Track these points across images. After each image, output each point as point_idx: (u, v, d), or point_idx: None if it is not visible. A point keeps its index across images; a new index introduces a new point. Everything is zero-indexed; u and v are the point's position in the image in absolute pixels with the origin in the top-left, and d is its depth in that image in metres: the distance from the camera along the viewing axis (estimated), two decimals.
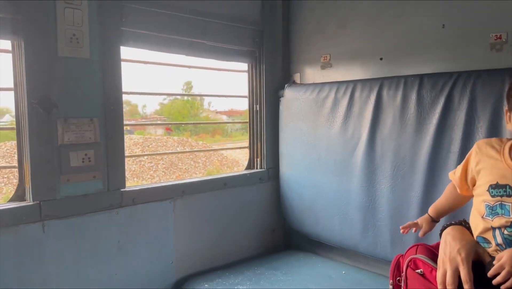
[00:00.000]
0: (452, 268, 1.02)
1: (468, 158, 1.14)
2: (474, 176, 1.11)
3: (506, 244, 1.00)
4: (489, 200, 1.04)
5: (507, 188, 1.01)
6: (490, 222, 1.03)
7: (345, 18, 1.99)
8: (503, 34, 1.50)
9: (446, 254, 1.06)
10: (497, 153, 1.07)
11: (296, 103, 2.12)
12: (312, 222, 2.05)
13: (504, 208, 1.00)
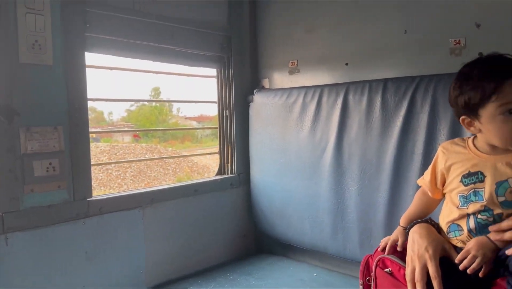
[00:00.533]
0: (420, 265, 1.05)
1: (436, 160, 1.17)
2: (444, 174, 1.14)
3: (478, 228, 1.03)
4: (463, 190, 1.07)
5: (479, 174, 1.04)
6: (465, 210, 1.06)
7: (312, 24, 2.02)
8: (462, 40, 1.57)
9: (414, 252, 1.08)
10: (463, 148, 1.11)
11: (265, 108, 2.14)
12: (283, 226, 2.07)
13: (478, 194, 1.04)
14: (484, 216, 1.03)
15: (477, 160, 1.06)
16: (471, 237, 1.04)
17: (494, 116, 0.98)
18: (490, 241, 0.99)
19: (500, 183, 1.00)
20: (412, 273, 1.06)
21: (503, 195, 1.00)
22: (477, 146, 1.08)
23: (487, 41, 1.49)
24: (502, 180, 1.00)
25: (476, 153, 1.07)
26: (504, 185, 1.00)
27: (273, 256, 2.16)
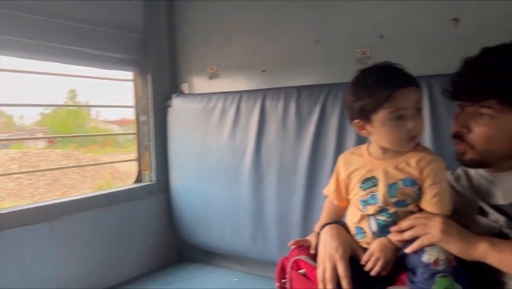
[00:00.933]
0: (330, 266, 1.08)
1: (337, 170, 1.22)
2: (346, 182, 1.19)
3: (379, 229, 1.09)
4: (363, 195, 1.13)
5: (373, 178, 1.11)
6: (366, 212, 1.12)
7: (230, 31, 2.04)
8: (367, 50, 1.68)
9: (325, 253, 1.11)
10: (359, 156, 1.18)
11: (185, 113, 2.11)
12: (205, 233, 2.05)
13: (374, 197, 1.09)
14: (383, 216, 1.09)
15: (371, 165, 1.13)
16: (374, 238, 1.10)
17: (385, 121, 1.05)
18: (391, 242, 1.06)
19: (391, 185, 1.07)
20: (323, 273, 1.09)
21: (394, 196, 1.07)
22: (370, 152, 1.15)
23: (390, 51, 1.61)
24: (392, 182, 1.08)
25: (370, 159, 1.14)
26: (394, 186, 1.07)
27: (194, 264, 2.13)
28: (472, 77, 1.06)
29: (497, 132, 1.05)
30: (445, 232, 0.95)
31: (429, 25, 1.53)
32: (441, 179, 1.06)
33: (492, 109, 1.03)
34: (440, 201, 1.05)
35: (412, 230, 0.99)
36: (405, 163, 1.08)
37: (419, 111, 1.05)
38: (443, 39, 1.49)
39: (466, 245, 0.95)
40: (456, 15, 1.47)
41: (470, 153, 1.10)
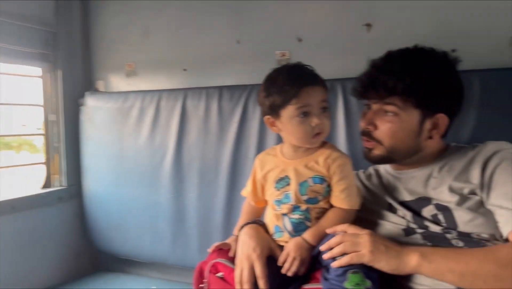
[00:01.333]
0: (248, 266, 1.07)
1: (254, 171, 1.24)
2: (262, 183, 1.20)
3: (294, 228, 1.11)
4: (277, 195, 1.14)
5: (286, 177, 1.13)
6: (280, 211, 1.13)
7: (149, 27, 1.95)
8: (286, 52, 1.70)
9: (243, 253, 1.10)
10: (273, 156, 1.20)
11: (99, 112, 1.98)
12: (122, 240, 1.93)
13: (288, 196, 1.12)
14: (295, 215, 1.11)
15: (284, 165, 1.15)
16: (290, 237, 1.12)
17: (292, 118, 1.08)
18: (305, 241, 1.08)
19: (302, 183, 1.11)
20: (240, 274, 1.08)
21: (305, 194, 1.10)
22: (283, 152, 1.18)
23: (308, 53, 1.64)
24: (303, 180, 1.11)
25: (282, 159, 1.17)
26: (305, 184, 1.10)
27: (110, 273, 2.00)
28: (377, 76, 1.12)
29: (400, 128, 1.12)
30: (374, 252, 0.96)
31: (344, 30, 1.59)
32: (347, 174, 1.10)
33: (395, 106, 1.10)
34: (348, 196, 1.09)
35: (341, 247, 0.98)
36: (314, 161, 1.12)
37: (324, 110, 1.10)
38: (357, 43, 1.56)
39: (396, 261, 0.96)
40: (368, 21, 1.55)
41: (378, 149, 1.16)
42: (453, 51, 1.37)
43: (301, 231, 1.10)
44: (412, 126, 1.12)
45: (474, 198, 1.03)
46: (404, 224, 1.11)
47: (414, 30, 1.46)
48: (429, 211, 1.08)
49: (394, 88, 1.09)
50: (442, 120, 1.13)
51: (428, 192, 1.12)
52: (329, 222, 1.09)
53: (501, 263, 0.87)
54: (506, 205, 0.97)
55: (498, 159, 1.03)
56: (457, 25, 1.42)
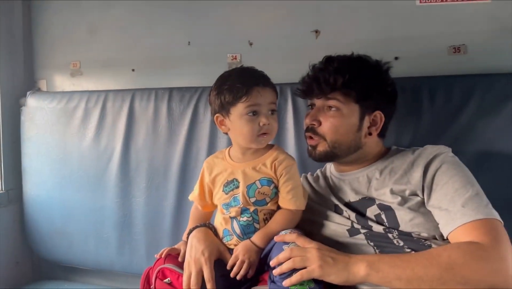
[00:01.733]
0: (196, 269, 1.07)
1: (201, 175, 1.24)
2: (210, 187, 1.20)
3: (242, 231, 1.11)
4: (225, 198, 1.15)
5: (234, 181, 1.14)
6: (229, 214, 1.14)
7: (96, 25, 1.88)
8: (238, 55, 1.71)
9: (191, 257, 1.10)
10: (222, 160, 1.21)
11: (41, 113, 1.88)
12: (65, 247, 1.84)
13: (236, 199, 1.13)
14: (244, 217, 1.12)
15: (232, 168, 1.17)
16: (239, 240, 1.12)
17: (241, 115, 1.10)
18: (254, 244, 1.09)
19: (249, 185, 1.12)
20: (189, 278, 1.07)
21: (253, 196, 1.12)
22: (231, 155, 1.20)
23: (258, 58, 1.66)
24: (250, 182, 1.12)
25: (231, 162, 1.18)
26: (253, 187, 1.12)
27: (53, 281, 1.90)
28: (318, 74, 1.19)
29: (342, 123, 1.17)
30: (323, 266, 0.97)
31: (293, 36, 1.62)
32: (293, 176, 1.13)
33: (337, 101, 1.17)
34: (294, 196, 1.12)
35: (290, 263, 0.99)
36: (261, 164, 1.14)
37: (273, 113, 1.13)
38: (306, 49, 1.59)
39: (345, 273, 0.97)
40: (317, 28, 1.59)
41: (321, 145, 1.20)
42: (396, 59, 1.45)
43: (249, 233, 1.11)
44: (353, 121, 1.18)
45: (415, 199, 1.08)
46: (348, 224, 1.14)
47: (359, 38, 1.51)
48: (373, 211, 1.13)
49: (335, 83, 1.16)
50: (379, 117, 1.20)
51: (371, 192, 1.16)
52: (277, 224, 1.11)
53: (444, 267, 0.91)
54: (445, 206, 1.02)
55: (438, 162, 1.09)
56: (399, 33, 1.49)
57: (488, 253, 0.91)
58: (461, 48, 1.43)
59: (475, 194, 1.02)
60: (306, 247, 1.02)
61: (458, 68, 1.42)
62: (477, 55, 1.42)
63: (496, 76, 1.35)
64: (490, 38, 1.40)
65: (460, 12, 1.43)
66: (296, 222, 1.14)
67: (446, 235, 1.01)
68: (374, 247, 1.07)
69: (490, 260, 0.91)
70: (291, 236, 1.06)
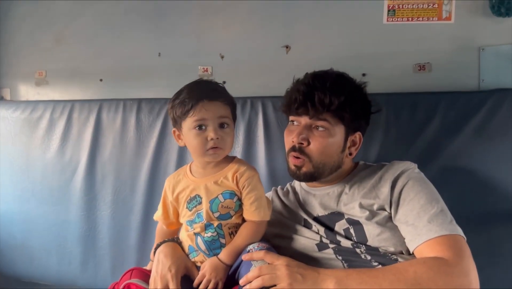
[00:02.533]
0: (162, 285, 1.05)
1: (164, 194, 1.22)
2: (174, 205, 1.19)
3: (208, 247, 1.10)
4: (189, 215, 1.13)
5: (197, 197, 1.13)
6: (192, 231, 1.12)
7: (62, 34, 1.85)
8: (209, 68, 1.71)
9: (158, 272, 1.08)
10: (183, 176, 1.19)
11: (4, 123, 1.82)
12: (26, 262, 1.77)
13: (200, 216, 1.11)
14: (208, 233, 1.10)
15: (194, 184, 1.15)
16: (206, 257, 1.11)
17: (190, 129, 1.10)
18: (221, 262, 1.07)
19: (212, 200, 1.11)
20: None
21: (217, 210, 1.10)
22: (192, 171, 1.18)
23: (229, 71, 1.66)
24: (213, 197, 1.11)
25: (192, 178, 1.17)
26: (215, 201, 1.11)
27: None
28: (313, 93, 1.15)
29: (329, 144, 1.16)
30: (292, 284, 0.97)
31: (264, 50, 1.63)
32: (256, 186, 1.12)
33: (327, 122, 1.15)
34: (258, 208, 1.11)
35: (259, 281, 0.98)
36: (223, 177, 1.13)
37: (223, 126, 1.11)
38: (276, 63, 1.60)
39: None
40: (287, 43, 1.60)
41: (307, 165, 1.18)
42: (363, 75, 1.48)
43: (215, 249, 1.10)
44: (339, 142, 1.18)
45: (383, 213, 1.10)
46: (317, 239, 1.14)
47: (329, 54, 1.54)
48: (342, 225, 1.13)
49: (330, 104, 1.13)
50: (359, 138, 1.22)
51: (340, 207, 1.17)
52: (243, 238, 1.10)
53: (410, 282, 0.92)
54: (412, 221, 1.04)
55: (405, 178, 1.12)
56: (367, 51, 1.52)
57: (452, 268, 0.93)
58: (426, 66, 1.48)
59: (440, 210, 1.04)
60: (275, 264, 1.01)
61: (423, 85, 1.46)
62: (441, 73, 1.46)
63: (459, 94, 1.40)
64: (454, 57, 1.45)
65: (425, 31, 1.47)
66: (261, 233, 1.13)
67: (412, 250, 1.03)
68: (342, 261, 1.08)
69: (455, 275, 0.93)
70: (258, 253, 1.05)
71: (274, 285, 0.97)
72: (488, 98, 1.35)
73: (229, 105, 1.12)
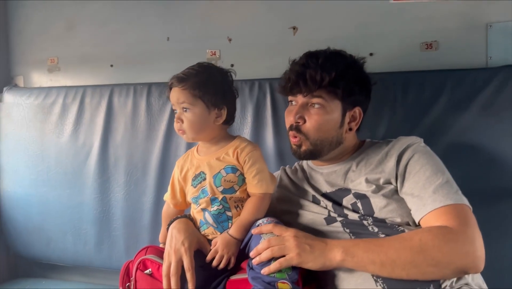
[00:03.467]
0: (176, 259, 1.08)
1: (173, 175, 1.27)
2: (182, 184, 1.23)
3: (216, 220, 1.14)
4: (194, 192, 1.18)
5: (201, 173, 1.17)
6: (199, 207, 1.16)
7: (73, 20, 1.87)
8: (217, 51, 1.72)
9: (171, 247, 1.11)
10: (190, 156, 1.25)
11: (18, 109, 1.86)
12: (43, 244, 1.82)
13: (204, 191, 1.15)
14: (214, 206, 1.14)
15: (198, 162, 1.20)
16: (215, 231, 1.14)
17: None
18: (233, 237, 1.11)
19: (215, 175, 1.15)
20: (168, 268, 1.08)
21: (220, 185, 1.15)
22: (198, 151, 1.24)
23: (237, 54, 1.67)
24: (216, 172, 1.15)
25: (197, 157, 1.22)
26: (218, 176, 1.15)
27: (30, 279, 1.87)
28: (304, 71, 1.17)
29: (326, 120, 1.18)
30: (301, 254, 1.00)
31: (271, 32, 1.64)
32: (257, 160, 1.16)
33: (322, 98, 1.16)
34: (261, 180, 1.14)
35: (269, 252, 1.01)
36: (224, 154, 1.17)
37: (185, 110, 1.16)
38: (283, 45, 1.61)
39: (322, 260, 1.00)
40: (294, 24, 1.61)
41: (305, 143, 1.20)
42: (370, 55, 1.48)
43: (223, 221, 1.14)
44: (336, 118, 1.19)
45: (389, 187, 1.12)
46: (325, 213, 1.17)
47: (336, 34, 1.54)
48: (349, 200, 1.16)
49: (322, 81, 1.14)
50: (358, 113, 1.23)
51: (347, 184, 1.19)
52: (249, 211, 1.13)
53: (415, 250, 0.95)
54: (417, 193, 1.06)
55: (411, 151, 1.13)
56: (374, 30, 1.52)
57: (457, 236, 0.95)
58: (433, 44, 1.47)
59: (446, 181, 1.06)
60: (283, 235, 1.04)
61: (430, 64, 1.46)
62: (448, 51, 1.46)
63: (466, 72, 1.40)
64: (461, 34, 1.44)
65: (432, 10, 1.47)
66: (266, 206, 1.16)
67: (418, 220, 1.05)
68: (350, 234, 1.10)
69: (459, 243, 0.94)
70: (267, 226, 1.07)
71: (283, 256, 1.01)
72: (496, 75, 1.35)
73: (189, 90, 1.15)
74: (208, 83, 1.16)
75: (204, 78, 1.16)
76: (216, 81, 1.18)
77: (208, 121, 1.17)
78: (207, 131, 1.18)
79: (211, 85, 1.16)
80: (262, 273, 1.00)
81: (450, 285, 0.95)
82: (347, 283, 1.03)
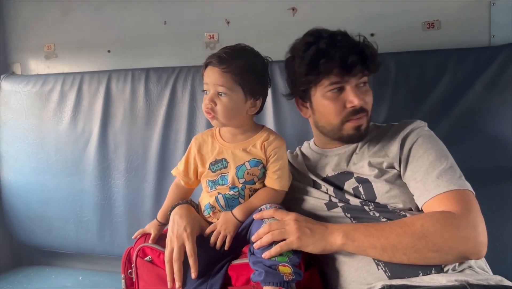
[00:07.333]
0: (178, 245, 1.07)
1: (189, 150, 1.23)
2: (197, 163, 1.20)
3: (227, 204, 1.13)
4: (212, 176, 1.16)
5: (223, 160, 1.15)
6: (215, 191, 1.15)
7: (69, 6, 1.84)
8: (215, 34, 1.69)
9: (174, 233, 1.10)
10: (211, 138, 1.20)
11: (16, 97, 1.84)
12: (44, 231, 1.82)
13: (224, 178, 1.14)
14: (231, 192, 1.14)
15: (221, 148, 1.17)
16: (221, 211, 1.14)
17: None
18: (234, 217, 1.11)
19: (239, 166, 1.14)
20: (171, 253, 1.08)
21: (242, 177, 1.13)
22: (221, 135, 1.20)
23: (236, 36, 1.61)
24: (240, 164, 1.14)
25: (220, 141, 1.19)
26: (242, 168, 1.13)
27: (33, 266, 1.88)
28: (364, 52, 1.13)
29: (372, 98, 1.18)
30: (301, 238, 1.00)
31: (270, 13, 1.61)
32: (281, 156, 1.15)
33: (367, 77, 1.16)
34: (280, 177, 1.14)
35: (269, 236, 1.01)
36: (251, 145, 1.15)
37: (220, 94, 1.10)
38: (282, 26, 1.58)
39: (323, 243, 1.00)
40: (293, 5, 1.58)
41: (365, 121, 1.17)
42: (371, 35, 1.46)
43: (233, 206, 1.13)
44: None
45: (392, 171, 1.10)
46: (326, 198, 1.16)
47: (335, 15, 1.52)
48: (351, 184, 1.15)
49: (374, 58, 1.14)
50: None
51: (350, 167, 1.18)
52: (259, 200, 1.13)
53: (417, 235, 0.94)
54: (420, 177, 1.05)
55: (414, 136, 1.12)
56: (374, 10, 1.49)
57: (459, 221, 0.94)
58: (435, 23, 1.45)
59: (449, 166, 1.05)
60: (284, 219, 1.04)
61: (432, 43, 1.43)
62: (451, 30, 1.43)
63: (468, 51, 1.37)
64: (463, 13, 1.42)
65: None
66: (278, 201, 1.15)
67: (421, 205, 1.04)
68: (351, 219, 1.09)
69: (461, 228, 0.94)
70: (268, 211, 1.07)
71: (284, 240, 1.00)
72: (499, 54, 1.33)
73: (231, 74, 1.08)
74: (250, 70, 1.11)
75: (247, 64, 1.10)
76: (258, 69, 1.14)
77: (242, 110, 1.12)
78: (238, 120, 1.14)
79: (253, 73, 1.11)
80: (263, 257, 0.99)
81: (452, 268, 0.95)
82: (348, 267, 1.03)
